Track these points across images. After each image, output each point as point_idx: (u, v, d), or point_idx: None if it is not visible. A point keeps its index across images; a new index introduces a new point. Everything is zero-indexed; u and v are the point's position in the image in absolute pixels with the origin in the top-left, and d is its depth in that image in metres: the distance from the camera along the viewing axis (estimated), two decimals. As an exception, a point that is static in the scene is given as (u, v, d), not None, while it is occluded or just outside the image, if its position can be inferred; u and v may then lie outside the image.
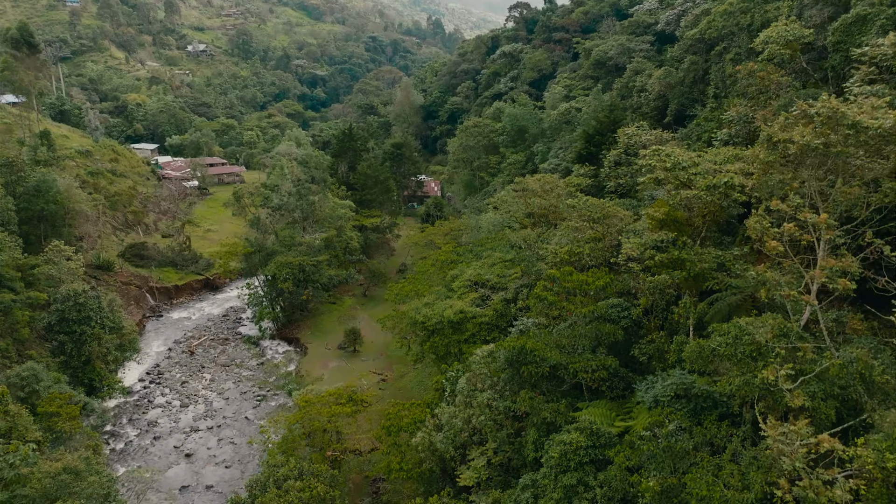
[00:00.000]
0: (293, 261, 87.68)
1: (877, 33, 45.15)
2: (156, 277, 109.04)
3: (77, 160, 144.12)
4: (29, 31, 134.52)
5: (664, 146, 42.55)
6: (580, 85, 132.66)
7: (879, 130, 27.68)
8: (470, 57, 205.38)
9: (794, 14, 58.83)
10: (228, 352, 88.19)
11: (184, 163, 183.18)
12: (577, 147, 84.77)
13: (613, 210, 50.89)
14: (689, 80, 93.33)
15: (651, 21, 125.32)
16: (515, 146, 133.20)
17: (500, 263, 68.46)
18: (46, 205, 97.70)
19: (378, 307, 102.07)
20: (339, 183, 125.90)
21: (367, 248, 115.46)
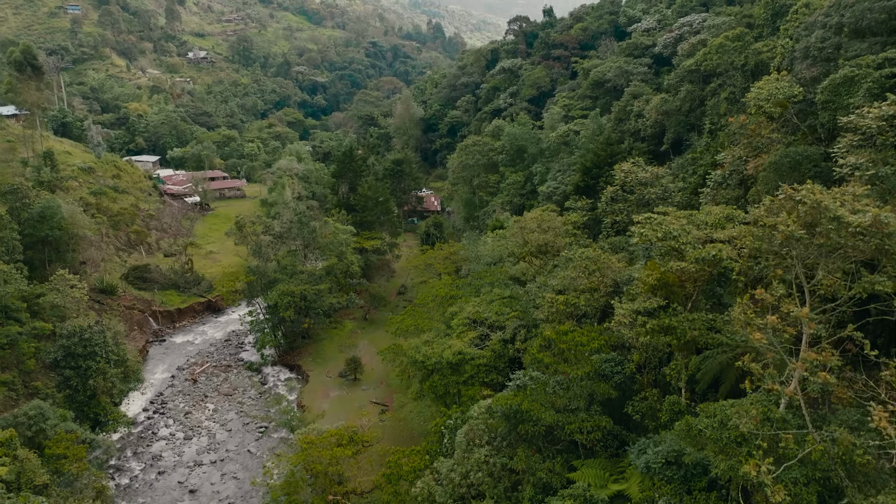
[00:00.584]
0: (294, 289, 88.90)
1: (864, 96, 46.33)
2: (158, 301, 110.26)
3: (80, 179, 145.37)
4: (32, 54, 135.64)
5: (655, 214, 43.57)
6: (579, 105, 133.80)
7: (859, 229, 28.85)
8: (470, 70, 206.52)
9: (786, 62, 60.02)
10: (231, 379, 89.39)
11: (185, 176, 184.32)
12: (575, 179, 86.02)
13: (608, 262, 52.03)
14: (686, 108, 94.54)
15: (649, 43, 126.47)
16: (514, 165, 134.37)
17: (499, 300, 69.51)
18: (51, 231, 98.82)
19: (378, 331, 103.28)
20: (339, 204, 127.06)
21: (367, 269, 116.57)
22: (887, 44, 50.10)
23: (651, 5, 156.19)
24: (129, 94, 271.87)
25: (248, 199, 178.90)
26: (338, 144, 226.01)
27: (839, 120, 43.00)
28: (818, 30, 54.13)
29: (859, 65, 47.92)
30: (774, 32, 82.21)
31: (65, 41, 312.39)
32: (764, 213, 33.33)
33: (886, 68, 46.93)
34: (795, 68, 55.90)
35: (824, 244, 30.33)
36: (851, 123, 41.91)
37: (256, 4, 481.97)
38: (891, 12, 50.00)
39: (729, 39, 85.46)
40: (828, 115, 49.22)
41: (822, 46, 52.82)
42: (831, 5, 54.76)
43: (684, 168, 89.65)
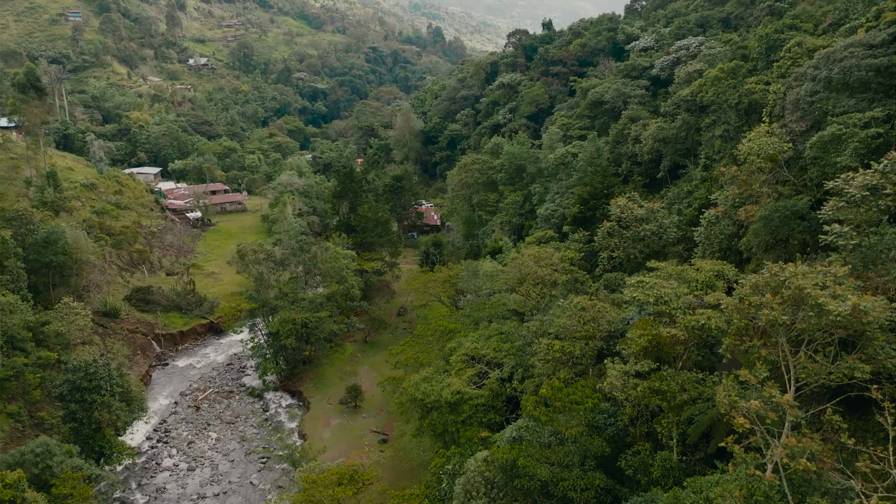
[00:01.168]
0: (296, 317, 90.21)
1: (850, 155, 47.59)
2: (161, 323, 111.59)
3: (82, 197, 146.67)
4: (36, 76, 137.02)
5: (647, 278, 44.85)
6: (577, 124, 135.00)
7: (839, 318, 30.13)
8: (469, 83, 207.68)
9: (778, 109, 61.25)
10: (233, 406, 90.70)
11: (187, 190, 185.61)
12: (573, 211, 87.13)
13: (602, 310, 53.26)
14: (683, 136, 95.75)
15: (646, 64, 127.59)
16: (513, 184, 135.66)
17: (497, 336, 70.84)
18: (55, 256, 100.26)
19: (379, 354, 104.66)
20: (340, 224, 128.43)
21: (367, 290, 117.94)
22: (874, 100, 51.36)
23: (649, 23, 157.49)
24: (130, 102, 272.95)
25: (250, 214, 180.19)
26: (338, 155, 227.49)
27: (825, 185, 44.20)
28: (808, 82, 55.35)
29: (846, 123, 49.16)
30: (768, 66, 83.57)
31: (66, 49, 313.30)
32: (749, 292, 34.63)
33: (872, 128, 48.18)
34: (786, 118, 57.11)
35: (806, 329, 31.60)
36: (837, 188, 43.17)
37: (257, 9, 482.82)
38: (877, 70, 51.24)
39: (724, 72, 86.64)
40: (816, 171, 50.47)
41: (811, 100, 54.05)
42: (821, 57, 56.02)
43: (680, 198, 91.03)
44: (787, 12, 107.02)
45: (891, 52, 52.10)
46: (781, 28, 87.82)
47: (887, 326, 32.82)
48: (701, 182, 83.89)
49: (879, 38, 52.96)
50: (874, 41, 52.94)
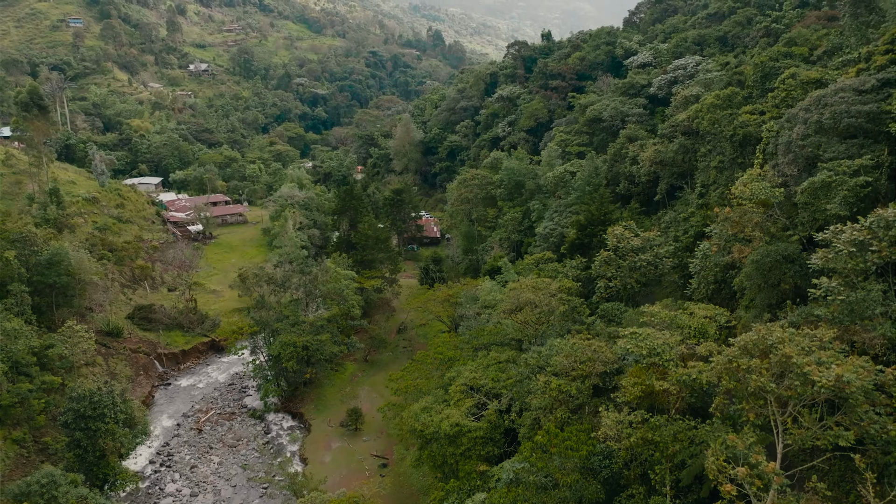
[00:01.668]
0: (297, 340, 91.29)
1: (840, 203, 48.64)
2: (163, 342, 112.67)
3: (84, 212, 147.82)
4: (38, 94, 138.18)
5: (640, 330, 45.96)
6: (575, 140, 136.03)
7: (823, 388, 31.24)
8: (469, 93, 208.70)
9: (771, 147, 62.30)
10: (235, 429, 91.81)
11: (188, 202, 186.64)
12: (571, 236, 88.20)
13: (599, 350, 54.35)
14: (679, 160, 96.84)
15: (644, 83, 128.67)
16: (512, 199, 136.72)
17: (495, 365, 71.95)
18: (59, 277, 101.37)
19: (379, 374, 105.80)
20: (340, 240, 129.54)
21: (367, 307, 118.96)
22: (863, 146, 52.43)
23: (647, 38, 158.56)
24: (131, 110, 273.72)
25: (250, 225, 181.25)
26: (338, 164, 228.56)
27: (815, 236, 45.29)
28: (800, 125, 56.42)
29: (836, 170, 50.21)
30: (763, 94, 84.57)
31: (67, 55, 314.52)
32: (738, 353, 35.72)
33: (861, 176, 49.25)
34: (779, 159, 58.19)
35: (792, 396, 32.71)
36: (826, 240, 44.27)
37: (257, 13, 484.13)
38: (867, 116, 52.30)
39: (720, 99, 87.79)
40: (807, 215, 51.55)
41: (802, 143, 55.11)
42: (813, 100, 57.07)
43: (676, 223, 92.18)
44: (783, 34, 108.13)
45: (879, 98, 53.18)
46: (776, 56, 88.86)
47: (871, 390, 33.89)
48: (697, 208, 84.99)
49: (869, 83, 54.02)
50: (864, 87, 54.00)
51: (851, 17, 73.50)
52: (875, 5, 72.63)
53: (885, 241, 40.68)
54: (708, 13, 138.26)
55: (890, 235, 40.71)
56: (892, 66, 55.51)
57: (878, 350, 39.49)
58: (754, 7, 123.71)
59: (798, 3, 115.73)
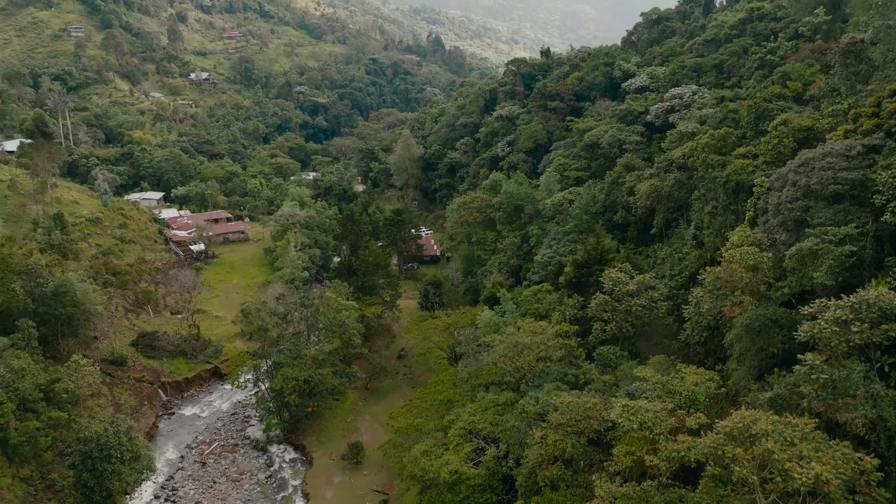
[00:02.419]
0: (299, 375, 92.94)
1: (826, 273, 50.21)
2: (167, 370, 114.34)
3: (88, 232, 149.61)
4: (44, 122, 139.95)
5: (632, 403, 47.59)
6: (574, 164, 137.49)
7: (804, 487, 32.87)
8: (468, 109, 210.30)
9: (763, 202, 63.88)
10: (238, 461, 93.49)
11: (190, 219, 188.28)
12: (569, 275, 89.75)
13: (595, 407, 56.00)
14: (675, 195, 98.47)
15: (641, 109, 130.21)
16: (511, 223, 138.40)
17: (493, 408, 73.63)
18: (64, 308, 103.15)
19: (380, 403, 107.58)
20: (342, 265, 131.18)
21: (368, 332, 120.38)
22: (849, 212, 54.03)
23: (645, 60, 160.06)
24: (133, 121, 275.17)
25: (252, 243, 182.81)
26: (339, 179, 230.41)
27: (801, 309, 46.88)
28: (789, 187, 58.01)
29: (823, 238, 51.80)
30: (757, 136, 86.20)
31: (68, 66, 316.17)
32: (723, 441, 37.35)
33: (847, 245, 50.85)
34: (769, 219, 59.79)
35: (774, 489, 34.35)
36: (811, 314, 45.89)
37: (258, 19, 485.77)
38: (852, 184, 53.91)
39: (714, 139, 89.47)
40: (795, 280, 53.15)
41: (791, 207, 56.71)
42: (801, 162, 58.63)
43: (672, 260, 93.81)
44: (778, 67, 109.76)
45: (865, 165, 54.77)
46: (770, 97, 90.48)
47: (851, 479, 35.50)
48: (691, 248, 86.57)
49: (855, 149, 55.60)
50: (850, 152, 55.59)
51: (842, 66, 75.03)
52: (864, 55, 74.16)
53: (866, 321, 42.29)
54: (705, 38, 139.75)
55: (871, 316, 42.31)
56: (877, 131, 57.05)
57: (859, 430, 41.12)
58: (750, 36, 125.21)
59: (792, 34, 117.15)
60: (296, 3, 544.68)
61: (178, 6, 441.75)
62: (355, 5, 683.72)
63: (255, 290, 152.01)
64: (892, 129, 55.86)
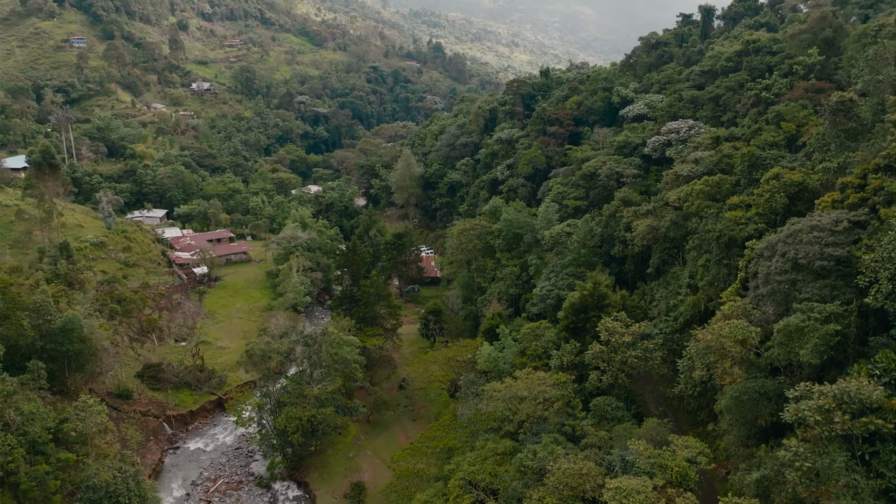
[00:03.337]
0: (302, 415, 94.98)
1: (812, 351, 52.14)
2: (172, 402, 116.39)
3: (93, 256, 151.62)
4: (50, 154, 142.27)
5: (623, 484, 49.59)
6: (572, 193, 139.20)
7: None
8: (469, 128, 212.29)
9: (753, 267, 65.82)
10: (242, 499, 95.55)
11: (193, 238, 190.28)
12: (566, 321, 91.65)
13: (590, 472, 58.02)
14: (671, 236, 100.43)
15: (639, 141, 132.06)
16: (511, 251, 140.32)
17: (493, 457, 75.65)
18: (72, 345, 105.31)
19: (381, 436, 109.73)
20: (344, 294, 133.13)
21: (369, 363, 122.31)
22: (835, 287, 55.99)
23: (643, 87, 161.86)
24: (135, 134, 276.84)
25: (254, 264, 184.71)
26: (340, 196, 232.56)
27: (786, 393, 48.84)
28: (778, 257, 59.93)
29: (809, 314, 53.73)
30: (751, 184, 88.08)
31: (71, 77, 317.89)
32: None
33: (832, 323, 52.79)
34: (759, 288, 61.74)
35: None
36: (796, 397, 47.85)
37: (259, 26, 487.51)
38: (837, 260, 55.88)
39: (708, 185, 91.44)
40: (783, 355, 55.09)
41: (780, 279, 58.66)
42: (790, 233, 60.53)
43: (667, 301, 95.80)
44: (773, 106, 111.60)
45: (850, 241, 56.73)
46: (763, 145, 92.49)
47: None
48: (686, 294, 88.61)
49: (842, 224, 57.54)
50: (837, 227, 57.53)
51: (832, 123, 76.88)
52: (854, 113, 76.01)
53: (847, 413, 44.25)
54: (702, 69, 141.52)
55: (852, 408, 44.28)
56: (863, 205, 58.98)
57: (841, 518, 43.09)
58: (745, 71, 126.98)
59: (787, 70, 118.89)
60: (296, 10, 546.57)
61: (179, 14, 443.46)
62: (356, 10, 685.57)
63: (257, 314, 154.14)
64: (876, 205, 57.77)
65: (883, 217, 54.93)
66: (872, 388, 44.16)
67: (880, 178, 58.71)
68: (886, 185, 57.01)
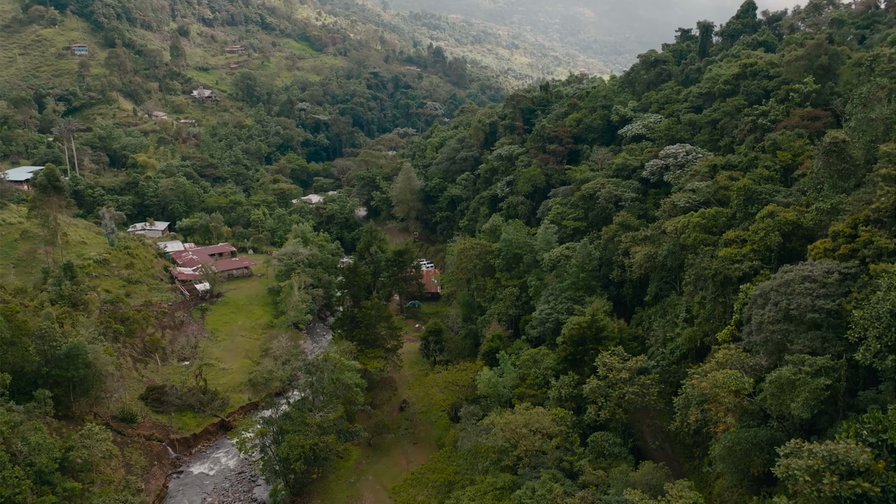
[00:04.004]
0: (304, 443, 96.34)
1: (802, 405, 53.56)
2: (176, 426, 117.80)
3: (95, 276, 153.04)
4: (55, 177, 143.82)
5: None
6: (571, 214, 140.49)
7: None
8: (469, 142, 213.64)
9: (746, 312, 67.20)
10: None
11: (195, 253, 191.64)
12: (564, 351, 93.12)
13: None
14: (669, 265, 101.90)
15: (637, 164, 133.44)
16: (510, 270, 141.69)
17: (492, 492, 77.21)
18: (77, 371, 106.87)
19: (382, 460, 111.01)
20: (345, 316, 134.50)
21: (370, 385, 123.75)
22: (826, 339, 57.39)
23: (642, 105, 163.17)
24: (136, 143, 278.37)
25: (256, 279, 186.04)
26: (340, 208, 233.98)
27: (777, 449, 50.23)
28: (771, 306, 61.33)
29: (800, 368, 55.14)
30: (746, 217, 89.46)
31: (72, 85, 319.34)
32: None
33: (822, 377, 54.19)
34: (753, 335, 63.14)
35: None
36: (785, 454, 49.24)
37: (259, 31, 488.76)
38: (828, 313, 57.27)
39: (705, 219, 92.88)
40: (775, 406, 56.50)
41: (772, 329, 60.06)
42: (783, 283, 61.93)
43: (664, 331, 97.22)
44: (769, 133, 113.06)
45: (841, 293, 58.12)
46: (758, 179, 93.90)
47: None
48: (683, 326, 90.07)
49: (832, 276, 58.93)
50: (828, 279, 58.91)
51: (824, 164, 78.21)
52: (846, 154, 77.37)
53: (836, 474, 45.61)
54: (700, 91, 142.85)
55: (840, 469, 45.64)
56: (853, 256, 60.36)
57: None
58: (743, 95, 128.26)
59: (784, 96, 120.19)
60: (297, 15, 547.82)
61: (180, 20, 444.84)
62: (356, 13, 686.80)
63: (259, 332, 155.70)
64: (865, 257, 59.15)
65: (872, 273, 56.28)
66: (860, 451, 45.47)
67: (870, 231, 60.08)
68: (876, 240, 58.39)
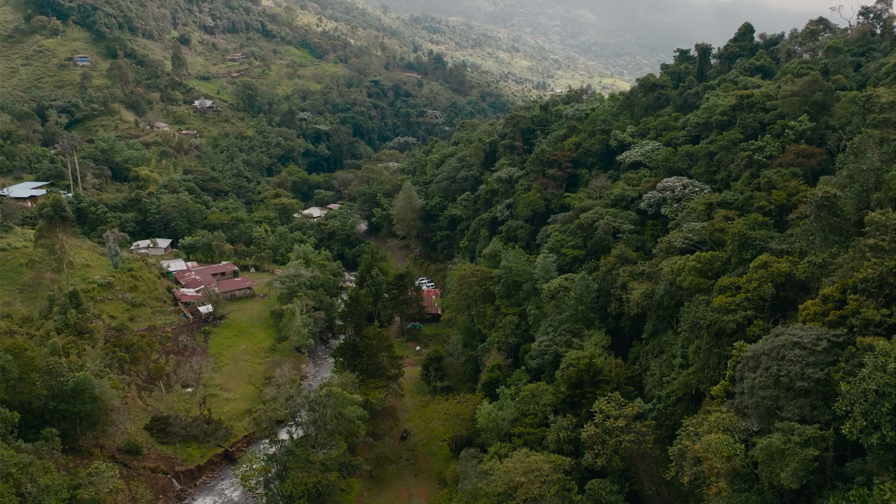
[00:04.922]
0: (308, 481, 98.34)
1: (791, 475, 55.40)
2: (180, 457, 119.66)
3: (100, 302, 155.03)
4: (62, 207, 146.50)
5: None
6: (570, 241, 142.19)
7: None
8: (469, 161, 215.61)
9: (739, 371, 69.05)
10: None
11: (197, 273, 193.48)
12: (562, 393, 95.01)
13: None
14: (665, 304, 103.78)
15: (634, 195, 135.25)
16: (510, 297, 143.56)
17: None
18: (83, 405, 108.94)
19: (384, 493, 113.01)
20: (347, 344, 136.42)
21: (371, 415, 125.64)
22: (816, 407, 59.26)
23: (640, 131, 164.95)
24: (139, 156, 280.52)
25: (258, 299, 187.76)
26: (342, 224, 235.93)
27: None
28: (762, 371, 63.19)
29: (789, 437, 57.00)
30: (741, 263, 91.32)
31: (75, 97, 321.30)
32: None
33: (810, 447, 56.06)
34: (744, 397, 65.00)
35: None
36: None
37: (260, 39, 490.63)
38: (817, 382, 59.14)
39: (700, 262, 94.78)
40: (765, 474, 58.37)
41: (763, 395, 61.93)
42: (773, 347, 63.78)
43: (661, 373, 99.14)
44: (765, 169, 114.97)
45: (829, 362, 59.97)
46: (752, 224, 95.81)
47: None
48: (679, 370, 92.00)
49: (821, 345, 60.77)
50: (817, 347, 60.75)
51: (816, 218, 79.96)
52: (838, 209, 79.17)
53: (821, 553, 47.56)
54: (698, 121, 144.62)
55: (826, 549, 47.58)
56: (842, 324, 62.20)
57: None
58: (739, 128, 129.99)
59: (779, 131, 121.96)
60: (297, 21, 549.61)
61: (181, 28, 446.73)
62: (356, 17, 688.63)
63: (262, 356, 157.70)
64: (854, 326, 61.02)
65: (859, 345, 58.13)
66: (844, 531, 47.41)
67: (858, 301, 61.91)
68: (863, 311, 60.23)
